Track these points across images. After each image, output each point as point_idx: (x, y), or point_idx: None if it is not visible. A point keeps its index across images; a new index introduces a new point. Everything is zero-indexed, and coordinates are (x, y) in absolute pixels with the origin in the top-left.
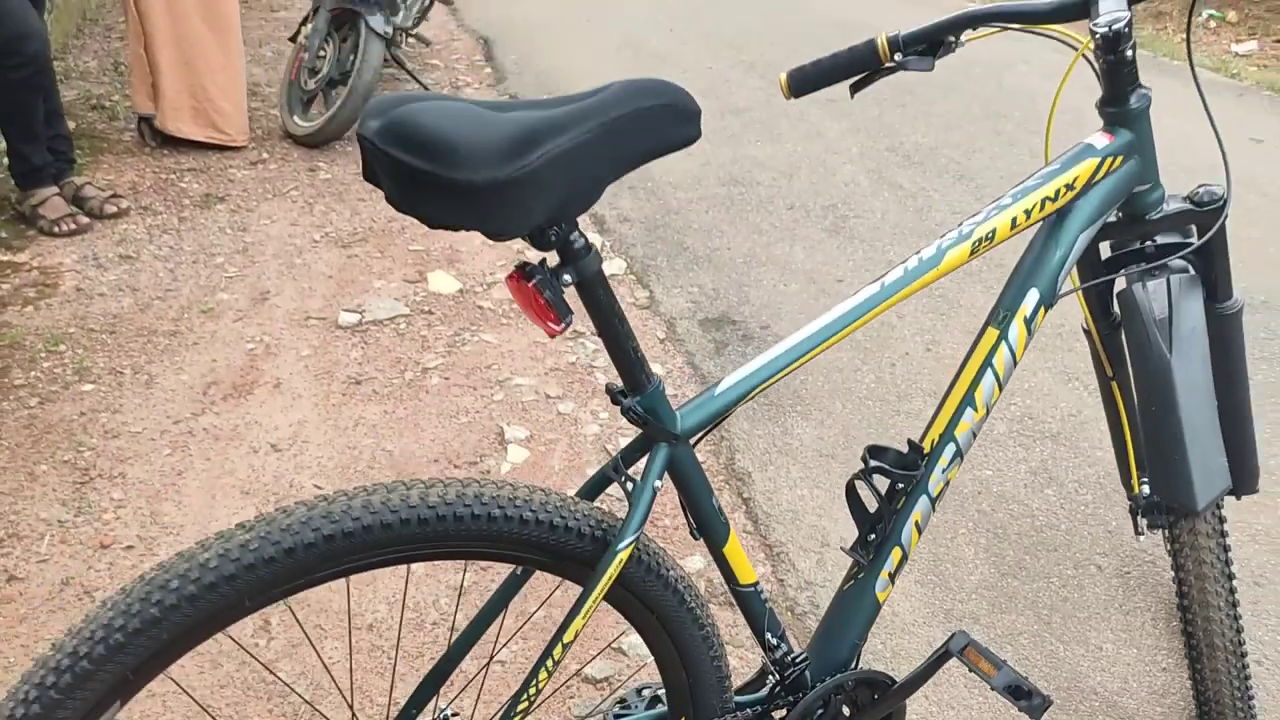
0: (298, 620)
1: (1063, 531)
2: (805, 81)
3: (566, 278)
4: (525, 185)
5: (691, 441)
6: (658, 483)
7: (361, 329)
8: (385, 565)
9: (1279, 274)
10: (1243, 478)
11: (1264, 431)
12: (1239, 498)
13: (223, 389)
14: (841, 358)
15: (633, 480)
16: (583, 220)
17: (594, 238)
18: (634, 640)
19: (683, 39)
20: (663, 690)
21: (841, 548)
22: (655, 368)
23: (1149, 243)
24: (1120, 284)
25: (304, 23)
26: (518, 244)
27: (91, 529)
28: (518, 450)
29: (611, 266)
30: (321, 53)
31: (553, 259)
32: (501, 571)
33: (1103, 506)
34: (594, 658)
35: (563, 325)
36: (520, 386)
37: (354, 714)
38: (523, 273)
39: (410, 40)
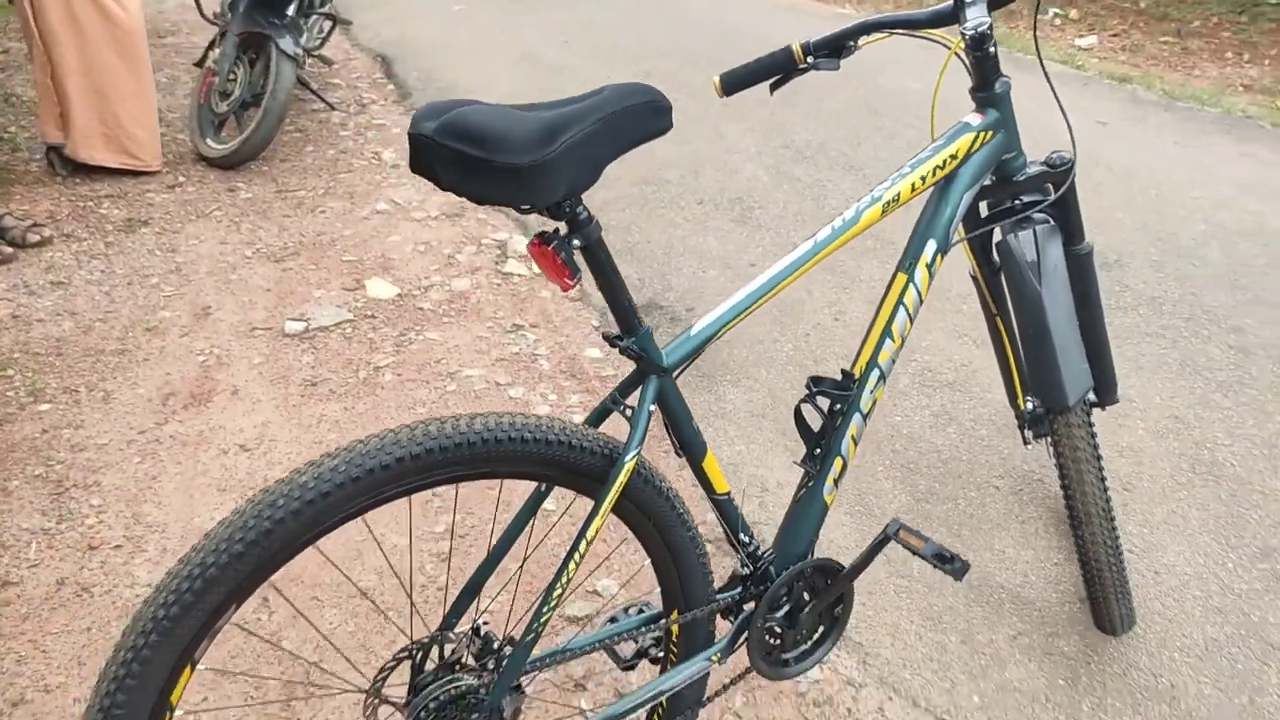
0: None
1: (964, 462)
2: (735, 82)
3: (576, 242)
4: (553, 167)
5: (675, 374)
6: (651, 407)
7: (309, 335)
8: (440, 484)
9: (1128, 237)
10: (1105, 389)
11: (1121, 368)
12: (1104, 408)
13: (181, 399)
14: (761, 331)
15: (630, 408)
16: (506, 222)
17: (521, 238)
18: (607, 583)
19: (577, 52)
20: (646, 604)
21: (795, 462)
22: (592, 351)
23: (1017, 200)
24: (997, 235)
25: (210, 48)
26: (447, 249)
27: (76, 534)
28: None
29: None
30: (231, 76)
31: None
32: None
33: (996, 438)
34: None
35: (575, 280)
36: (470, 377)
37: (414, 606)
38: (543, 239)
39: (312, 61)
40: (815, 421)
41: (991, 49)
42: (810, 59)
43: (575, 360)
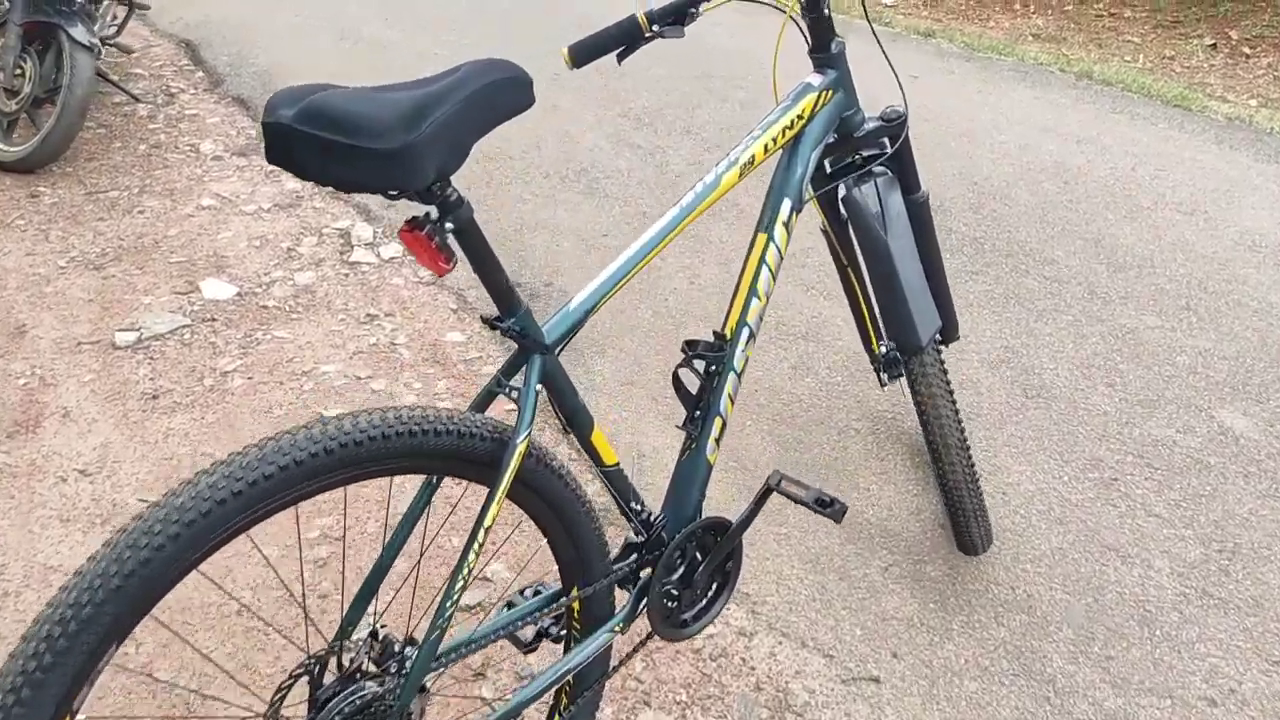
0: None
1: (824, 408)
2: (584, 53)
3: (449, 225)
4: (421, 149)
5: (557, 351)
6: (538, 387)
7: (143, 346)
8: (328, 489)
9: (947, 182)
10: (948, 327)
11: (955, 304)
12: (948, 344)
13: (4, 428)
14: (623, 300)
15: (516, 389)
16: (347, 209)
17: (364, 227)
18: (497, 567)
19: (399, 28)
20: (542, 584)
21: (677, 426)
22: (454, 335)
23: (858, 155)
24: (842, 190)
25: None
26: (285, 242)
27: None
28: None
29: (389, 250)
30: (18, 72)
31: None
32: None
33: (850, 384)
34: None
35: (451, 264)
36: (328, 374)
37: (306, 617)
38: (415, 224)
39: (110, 50)
40: (693, 384)
41: (826, 11)
42: (656, 27)
43: (437, 346)
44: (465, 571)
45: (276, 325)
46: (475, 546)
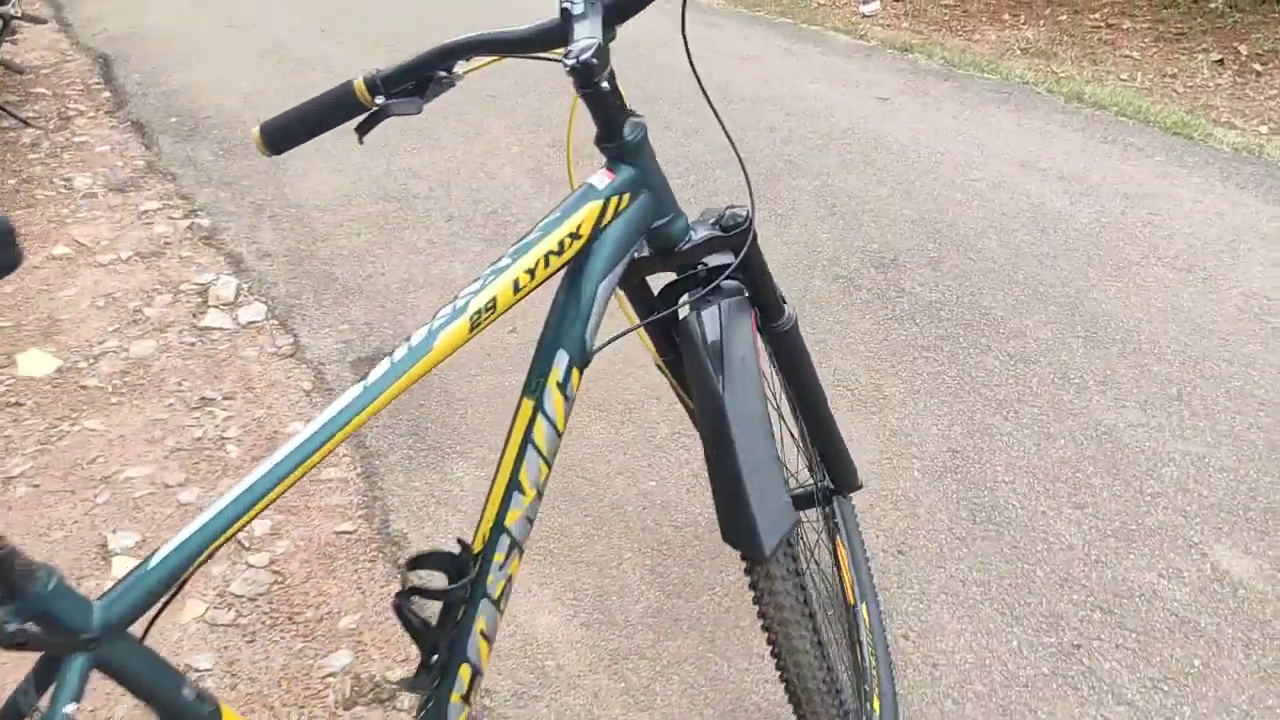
0: None
1: None
2: (285, 134)
3: None
4: None
5: (131, 631)
6: (71, 707)
7: None
8: None
9: (905, 231)
10: (844, 479)
11: (897, 392)
12: (847, 496)
13: None
14: (497, 382)
15: (38, 710)
16: (216, 259)
17: (230, 280)
18: None
19: (335, 40)
20: None
21: (399, 681)
22: (297, 426)
23: (701, 265)
24: (683, 311)
25: None
26: (134, 301)
27: None
28: (125, 562)
29: (249, 313)
30: None
31: None
32: None
33: None
34: None
35: None
36: (131, 480)
37: None
38: None
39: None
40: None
41: (605, 84)
42: (381, 99)
43: (275, 440)
44: None
45: (91, 412)
46: None
